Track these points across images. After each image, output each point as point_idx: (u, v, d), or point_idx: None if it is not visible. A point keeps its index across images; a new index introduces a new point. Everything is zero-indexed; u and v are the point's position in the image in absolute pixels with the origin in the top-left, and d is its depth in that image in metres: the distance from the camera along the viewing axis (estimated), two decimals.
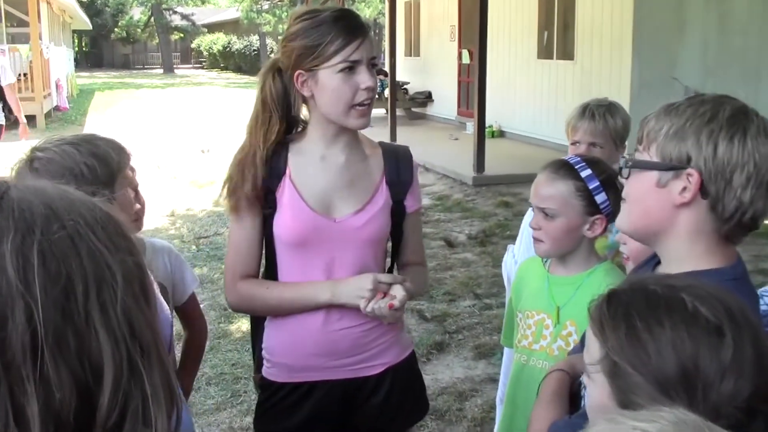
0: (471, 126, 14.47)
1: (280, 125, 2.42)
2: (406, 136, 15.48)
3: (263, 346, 2.57)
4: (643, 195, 1.69)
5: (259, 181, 2.38)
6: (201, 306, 2.99)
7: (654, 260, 1.81)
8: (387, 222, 2.50)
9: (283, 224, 2.41)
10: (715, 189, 1.60)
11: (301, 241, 2.41)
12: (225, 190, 2.46)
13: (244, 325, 5.86)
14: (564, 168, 2.48)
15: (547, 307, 2.53)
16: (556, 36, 15.17)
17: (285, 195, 2.41)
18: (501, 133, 16.68)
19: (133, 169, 2.35)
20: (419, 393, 2.72)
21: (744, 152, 1.58)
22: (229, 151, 2.88)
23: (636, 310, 1.30)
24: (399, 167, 2.54)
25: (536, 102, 15.57)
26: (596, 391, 1.35)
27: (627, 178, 1.73)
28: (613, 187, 2.42)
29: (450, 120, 19.36)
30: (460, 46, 18.90)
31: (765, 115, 1.68)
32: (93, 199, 0.95)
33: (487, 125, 12.83)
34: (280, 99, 2.42)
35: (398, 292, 2.36)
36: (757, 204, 1.60)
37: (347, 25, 2.33)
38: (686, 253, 1.67)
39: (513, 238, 8.56)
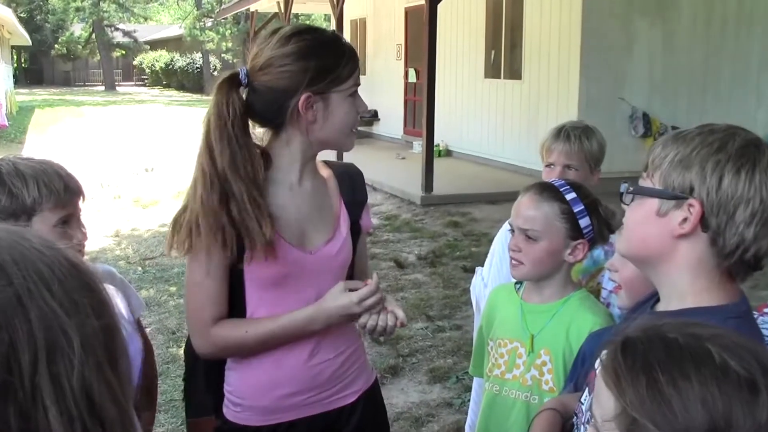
0: (418, 145, 14.45)
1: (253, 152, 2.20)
2: (352, 156, 15.13)
3: (228, 389, 2.36)
4: (643, 223, 1.62)
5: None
6: (148, 330, 2.83)
7: (653, 299, 1.72)
8: (351, 244, 2.40)
9: (258, 262, 2.19)
10: (716, 223, 1.52)
11: (280, 278, 2.23)
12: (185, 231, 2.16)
13: None
14: (548, 190, 2.43)
15: (520, 335, 2.46)
16: (504, 55, 15.25)
17: None
18: (448, 152, 16.70)
19: (72, 196, 2.17)
20: (383, 417, 2.63)
21: (750, 187, 1.50)
22: (172, 169, 2.71)
23: (657, 361, 1.16)
24: (354, 187, 2.45)
25: (484, 121, 15.60)
26: None
27: (629, 204, 1.66)
28: (596, 212, 2.39)
29: (396, 139, 19.32)
30: (406, 65, 18.90)
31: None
32: (59, 246, 0.81)
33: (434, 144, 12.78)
34: (240, 120, 2.17)
35: (396, 309, 2.24)
36: (761, 242, 1.52)
37: (348, 47, 2.26)
38: (687, 288, 1.58)
39: (463, 258, 8.65)
